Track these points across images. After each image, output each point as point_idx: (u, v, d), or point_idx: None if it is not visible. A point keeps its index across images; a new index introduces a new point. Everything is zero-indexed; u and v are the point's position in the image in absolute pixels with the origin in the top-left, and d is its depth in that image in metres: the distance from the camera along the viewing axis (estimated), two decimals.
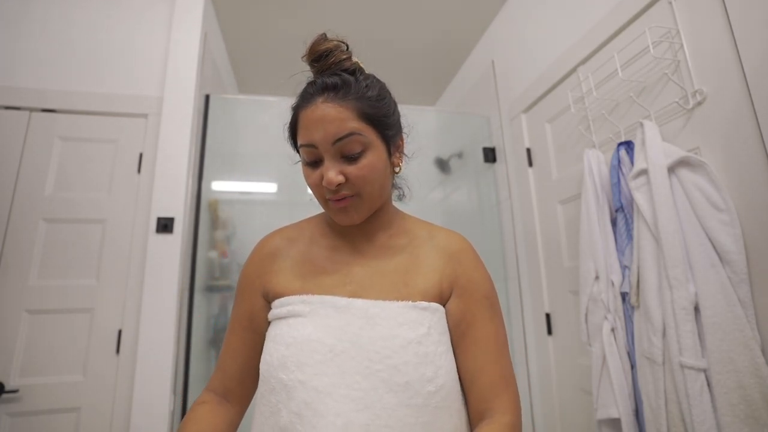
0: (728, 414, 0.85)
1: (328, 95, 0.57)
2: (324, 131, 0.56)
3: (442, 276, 0.61)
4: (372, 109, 0.59)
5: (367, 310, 0.56)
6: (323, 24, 2.30)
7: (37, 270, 1.44)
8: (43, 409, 1.35)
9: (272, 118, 1.97)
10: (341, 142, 0.56)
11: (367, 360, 0.53)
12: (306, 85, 0.62)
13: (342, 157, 0.57)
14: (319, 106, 0.56)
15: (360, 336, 0.54)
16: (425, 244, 0.64)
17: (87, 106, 1.59)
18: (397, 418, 0.51)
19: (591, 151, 1.29)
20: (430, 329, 0.56)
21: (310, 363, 0.53)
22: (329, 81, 0.58)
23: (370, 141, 0.58)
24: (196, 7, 1.73)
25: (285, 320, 0.59)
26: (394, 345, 0.53)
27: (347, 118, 0.56)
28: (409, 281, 0.60)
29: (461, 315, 0.59)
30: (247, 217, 1.85)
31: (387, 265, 0.62)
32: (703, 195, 0.94)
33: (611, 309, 1.15)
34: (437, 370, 0.54)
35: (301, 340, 0.55)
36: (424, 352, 0.54)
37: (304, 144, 0.58)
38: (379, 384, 0.52)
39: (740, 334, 0.86)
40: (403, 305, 0.57)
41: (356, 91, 0.58)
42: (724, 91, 0.96)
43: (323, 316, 0.57)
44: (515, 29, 1.89)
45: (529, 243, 1.74)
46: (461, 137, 2.17)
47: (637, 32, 1.18)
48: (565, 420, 1.53)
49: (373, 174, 0.58)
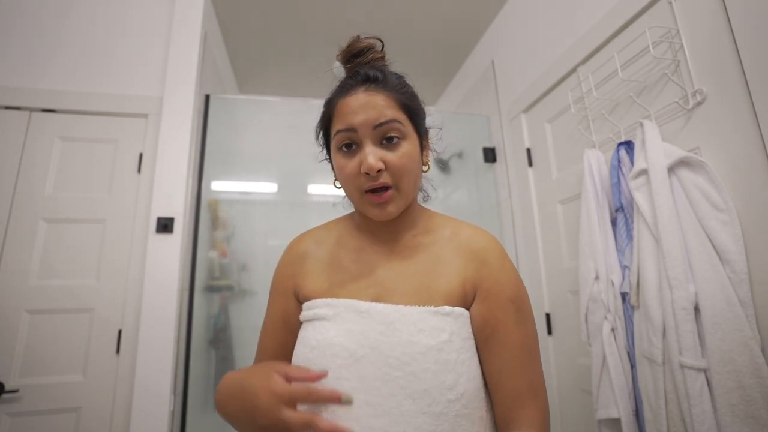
0: (728, 414, 0.85)
1: (369, 86, 0.59)
2: (366, 115, 0.57)
3: (465, 278, 0.59)
4: (410, 102, 0.62)
5: (387, 316, 0.56)
6: (323, 24, 2.29)
7: (37, 270, 1.44)
8: (43, 409, 1.35)
9: (272, 118, 1.97)
10: (382, 127, 0.57)
11: (386, 366, 0.53)
12: (344, 79, 0.64)
13: (381, 144, 0.58)
14: (360, 94, 0.59)
15: (380, 342, 0.54)
16: (449, 244, 0.63)
17: (87, 106, 1.59)
18: (416, 425, 0.50)
19: (591, 151, 1.29)
20: (452, 336, 0.55)
21: (332, 367, 0.54)
22: (371, 73, 0.61)
23: (408, 131, 0.60)
24: (196, 7, 1.73)
25: (311, 323, 0.60)
26: (413, 352, 0.53)
27: (389, 105, 0.58)
28: (432, 284, 0.59)
29: (485, 319, 0.57)
30: (247, 217, 1.85)
31: (410, 267, 0.62)
32: (703, 195, 0.94)
33: (611, 309, 1.15)
34: (458, 378, 0.53)
35: (324, 344, 0.56)
36: (444, 360, 0.53)
37: (342, 129, 0.58)
38: (398, 391, 0.51)
39: (740, 334, 0.85)
40: (424, 311, 0.56)
41: (395, 85, 0.61)
42: (724, 91, 0.96)
43: (346, 321, 0.57)
44: (515, 29, 1.89)
45: (529, 243, 1.74)
46: (461, 137, 2.17)
47: (637, 32, 1.18)
48: (565, 420, 1.53)
49: (410, 164, 0.59)
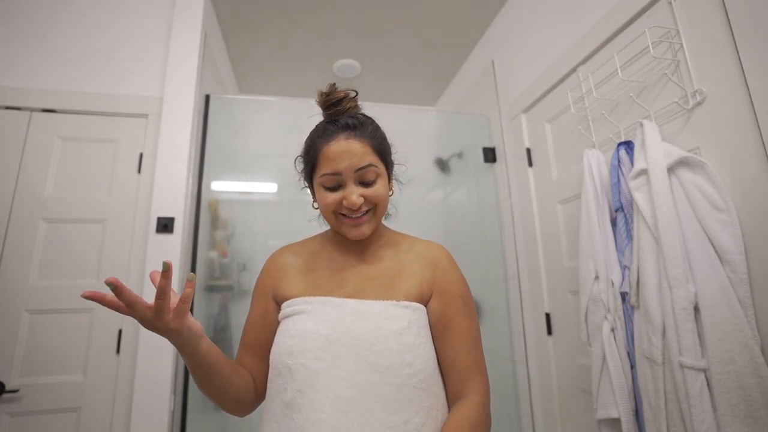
0: (728, 414, 0.85)
1: (350, 133, 0.70)
2: (349, 161, 0.69)
3: (422, 280, 0.72)
4: (381, 146, 0.74)
5: (357, 308, 0.67)
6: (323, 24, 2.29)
7: (37, 270, 1.44)
8: (43, 409, 1.35)
9: (272, 118, 1.98)
10: (362, 171, 0.69)
11: (356, 347, 0.63)
12: (323, 124, 0.74)
13: (360, 183, 0.70)
14: (342, 141, 0.69)
15: (351, 328, 0.65)
16: (408, 254, 0.76)
17: (87, 106, 1.59)
18: (381, 394, 0.61)
19: (591, 151, 1.29)
20: (411, 323, 0.67)
21: (310, 349, 0.64)
22: (350, 121, 0.71)
23: (381, 171, 0.72)
24: (196, 7, 1.73)
25: (291, 317, 0.70)
26: (379, 335, 0.64)
27: (367, 152, 0.70)
28: (395, 284, 0.71)
29: (441, 312, 0.71)
30: (247, 217, 1.85)
31: (377, 271, 0.74)
32: (703, 195, 0.94)
33: (611, 309, 1.15)
34: (415, 357, 0.64)
35: (303, 332, 0.66)
36: (405, 342, 0.64)
37: (329, 173, 0.69)
38: (366, 366, 0.62)
39: (740, 334, 0.86)
40: (388, 304, 0.68)
41: (370, 132, 0.73)
42: (724, 91, 0.96)
43: (322, 313, 0.68)
44: (515, 29, 1.89)
45: (529, 243, 1.74)
46: (461, 137, 2.17)
47: (636, 32, 1.18)
48: (565, 420, 1.53)
49: (383, 196, 0.72)
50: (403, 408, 0.61)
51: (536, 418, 1.69)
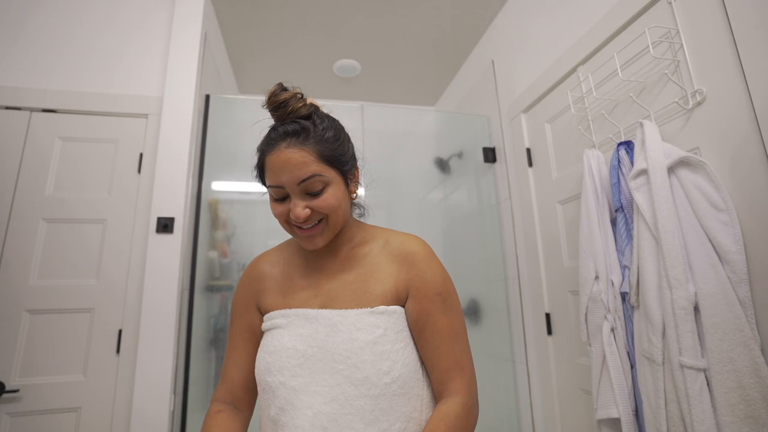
0: (728, 414, 0.85)
1: (290, 141, 0.65)
2: (290, 174, 0.64)
3: (397, 280, 0.69)
4: (330, 151, 0.67)
5: (331, 319, 0.66)
6: (323, 24, 2.29)
7: (37, 270, 1.44)
8: (43, 409, 1.35)
9: (272, 118, 1.98)
10: (305, 183, 0.64)
11: (332, 362, 0.63)
12: (269, 130, 0.69)
13: (306, 194, 0.66)
14: (282, 151, 0.64)
15: (326, 342, 0.64)
16: (383, 252, 0.72)
17: (87, 106, 1.59)
18: (358, 407, 0.61)
19: (591, 151, 1.29)
20: (387, 330, 0.65)
21: (287, 367, 0.64)
22: (290, 128, 0.66)
23: (330, 178, 0.67)
24: (196, 7, 1.73)
25: (270, 332, 0.70)
26: (353, 347, 0.63)
27: (309, 161, 0.64)
28: (369, 288, 0.69)
29: (418, 313, 0.68)
30: (247, 217, 1.85)
31: (350, 276, 0.71)
32: (703, 195, 0.95)
33: (611, 309, 1.15)
34: (393, 364, 0.63)
35: (280, 348, 0.66)
36: (380, 351, 0.63)
37: (272, 185, 0.66)
38: (342, 380, 0.62)
39: (740, 334, 0.86)
40: (362, 312, 0.66)
41: (315, 136, 0.66)
42: (724, 91, 0.96)
43: (297, 326, 0.67)
44: (515, 29, 1.89)
45: (529, 243, 1.74)
46: (461, 137, 2.17)
47: (636, 32, 1.18)
48: (565, 420, 1.53)
49: (334, 204, 0.67)
50: (381, 417, 0.61)
51: (536, 418, 1.69)
